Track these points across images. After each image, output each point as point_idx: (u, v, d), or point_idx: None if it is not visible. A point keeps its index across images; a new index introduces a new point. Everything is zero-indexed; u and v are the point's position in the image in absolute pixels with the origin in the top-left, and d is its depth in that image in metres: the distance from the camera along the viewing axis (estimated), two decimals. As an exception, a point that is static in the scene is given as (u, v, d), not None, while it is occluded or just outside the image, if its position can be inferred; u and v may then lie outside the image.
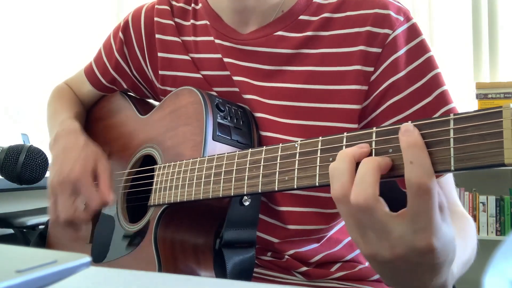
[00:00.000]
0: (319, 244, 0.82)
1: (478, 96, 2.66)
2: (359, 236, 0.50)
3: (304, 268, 0.81)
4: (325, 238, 0.82)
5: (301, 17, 0.79)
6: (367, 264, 0.86)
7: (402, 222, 0.46)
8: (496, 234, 2.70)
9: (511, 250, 0.27)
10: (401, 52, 0.73)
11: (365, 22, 0.74)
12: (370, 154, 0.49)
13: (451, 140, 0.44)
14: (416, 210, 0.45)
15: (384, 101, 0.73)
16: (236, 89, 0.82)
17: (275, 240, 0.80)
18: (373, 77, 0.73)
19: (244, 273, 0.73)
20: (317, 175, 0.53)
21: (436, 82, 0.72)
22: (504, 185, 2.82)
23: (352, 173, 0.48)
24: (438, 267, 0.48)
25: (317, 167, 0.54)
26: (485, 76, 2.95)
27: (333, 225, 0.81)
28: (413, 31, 0.74)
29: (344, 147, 0.52)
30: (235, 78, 0.82)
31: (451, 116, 0.44)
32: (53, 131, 0.92)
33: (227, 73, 0.83)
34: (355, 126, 0.74)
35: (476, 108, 2.73)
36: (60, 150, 0.85)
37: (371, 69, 0.73)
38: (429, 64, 0.73)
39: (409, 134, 0.46)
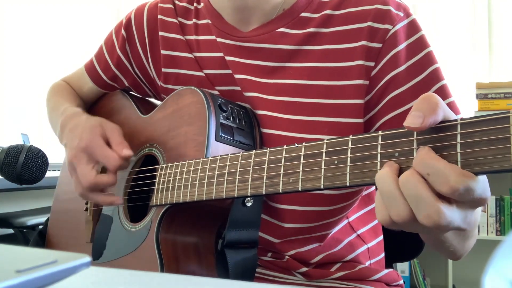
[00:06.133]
0: (321, 244, 0.82)
1: (478, 96, 2.66)
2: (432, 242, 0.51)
3: (304, 269, 0.81)
4: (327, 237, 0.82)
5: (303, 14, 0.79)
6: (367, 264, 0.86)
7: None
8: (496, 234, 2.70)
9: (511, 250, 0.27)
10: (401, 47, 0.73)
11: (366, 18, 0.75)
12: (376, 158, 0.49)
13: (458, 145, 0.44)
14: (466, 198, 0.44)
15: (385, 95, 0.74)
16: (238, 88, 0.82)
17: (276, 240, 0.80)
18: (373, 72, 0.74)
19: (246, 273, 0.73)
20: (322, 178, 0.53)
21: (435, 76, 0.73)
22: (504, 185, 2.82)
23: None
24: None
25: (322, 169, 0.53)
26: (485, 76, 2.95)
27: (332, 223, 0.81)
28: (413, 27, 0.75)
29: (349, 150, 0.51)
30: (237, 76, 0.82)
31: (458, 121, 0.44)
32: (57, 124, 0.91)
33: (229, 71, 0.83)
34: (359, 120, 0.75)
35: (476, 109, 2.73)
36: (67, 134, 0.84)
37: (372, 64, 0.74)
38: (429, 59, 0.74)
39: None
